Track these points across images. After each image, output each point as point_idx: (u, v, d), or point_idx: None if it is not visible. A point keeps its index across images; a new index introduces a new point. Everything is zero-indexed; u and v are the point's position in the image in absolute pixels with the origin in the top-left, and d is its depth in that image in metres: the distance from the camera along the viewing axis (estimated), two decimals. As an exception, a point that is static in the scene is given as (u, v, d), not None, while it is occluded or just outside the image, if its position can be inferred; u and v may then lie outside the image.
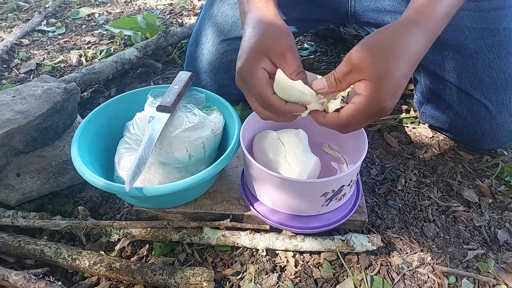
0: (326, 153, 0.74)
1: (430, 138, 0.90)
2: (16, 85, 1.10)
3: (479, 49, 0.73)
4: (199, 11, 1.61)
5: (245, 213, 0.65)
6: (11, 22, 1.59)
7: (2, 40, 1.41)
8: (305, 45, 1.34)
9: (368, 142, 0.83)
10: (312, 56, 1.27)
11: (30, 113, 0.68)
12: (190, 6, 1.74)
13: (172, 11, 1.69)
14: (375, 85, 0.44)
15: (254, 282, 0.59)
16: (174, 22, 1.57)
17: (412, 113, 0.97)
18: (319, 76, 0.52)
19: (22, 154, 0.70)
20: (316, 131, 0.73)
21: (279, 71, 0.50)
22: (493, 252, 0.65)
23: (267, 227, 0.65)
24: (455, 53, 0.75)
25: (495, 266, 0.62)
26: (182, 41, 1.32)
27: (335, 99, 0.51)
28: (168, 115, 0.65)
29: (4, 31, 1.50)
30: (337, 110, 0.50)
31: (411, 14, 0.49)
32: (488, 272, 0.61)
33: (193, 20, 1.58)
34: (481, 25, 0.72)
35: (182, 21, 1.57)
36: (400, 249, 0.65)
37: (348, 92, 0.57)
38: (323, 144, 0.75)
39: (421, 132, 0.91)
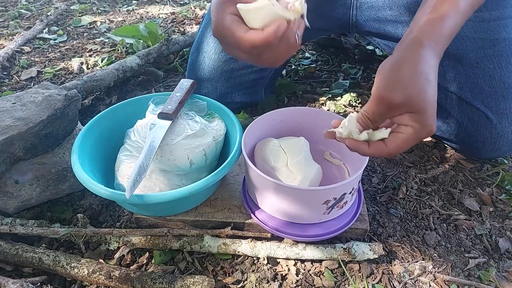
0: (328, 161, 0.74)
1: (431, 146, 0.90)
2: (16, 92, 1.10)
3: (479, 59, 0.73)
4: (201, 20, 1.62)
5: (246, 221, 0.65)
6: (13, 30, 1.60)
7: (4, 47, 1.41)
8: (307, 54, 1.35)
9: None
10: (314, 65, 1.27)
11: (31, 119, 0.68)
12: (192, 15, 1.76)
13: (174, 20, 1.70)
14: (420, 115, 0.46)
15: (255, 291, 0.59)
16: (176, 30, 1.58)
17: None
18: None
19: (21, 161, 0.70)
20: (318, 139, 0.73)
21: (239, 5, 0.47)
22: (494, 260, 0.65)
23: (268, 235, 0.65)
24: (456, 63, 0.76)
25: (497, 274, 0.62)
26: (184, 49, 1.33)
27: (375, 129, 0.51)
28: (169, 122, 0.65)
29: (5, 39, 1.51)
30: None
31: (416, 35, 0.50)
32: (490, 280, 0.61)
33: (195, 28, 1.59)
34: (481, 35, 0.73)
35: (184, 30, 1.58)
36: (402, 257, 0.64)
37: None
38: (325, 152, 0.75)
39: (422, 140, 0.91)
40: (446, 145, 0.90)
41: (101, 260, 0.62)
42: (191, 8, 1.84)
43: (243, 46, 0.48)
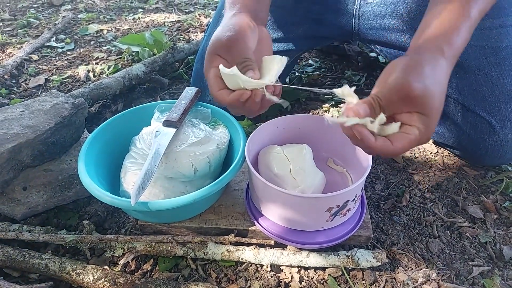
0: (331, 168, 0.74)
1: (435, 153, 0.90)
2: (24, 100, 1.12)
3: (481, 66, 0.74)
4: (206, 28, 1.64)
5: (250, 228, 0.65)
6: (21, 38, 1.62)
7: (12, 55, 1.44)
8: (310, 61, 1.36)
9: (373, 158, 0.84)
10: (317, 72, 1.28)
11: (38, 127, 0.70)
12: (197, 23, 1.78)
13: (180, 28, 1.72)
14: (430, 119, 0.47)
15: (258, 298, 0.59)
16: (181, 38, 1.60)
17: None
18: (278, 56, 0.57)
19: (29, 168, 0.71)
20: (321, 146, 0.74)
21: (220, 66, 0.55)
22: (498, 268, 0.64)
23: (272, 242, 0.65)
24: (458, 70, 0.76)
25: (501, 283, 0.62)
26: (189, 57, 1.34)
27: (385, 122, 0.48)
28: (174, 130, 0.66)
29: (14, 47, 1.53)
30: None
31: (436, 45, 0.51)
32: (495, 289, 0.61)
33: (200, 36, 1.61)
34: (483, 43, 0.73)
35: (189, 38, 1.60)
36: (405, 265, 0.64)
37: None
38: (328, 159, 0.76)
39: (426, 147, 0.92)
40: (449, 152, 0.90)
41: (106, 267, 0.63)
42: (196, 16, 1.86)
43: (215, 99, 0.58)
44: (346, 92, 0.49)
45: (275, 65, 0.58)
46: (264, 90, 0.54)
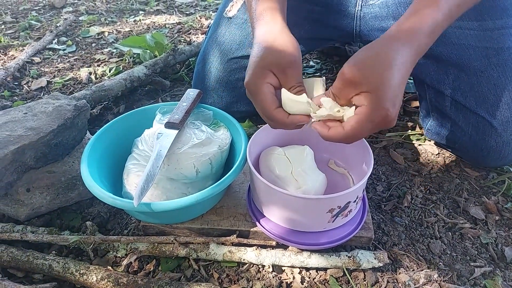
0: (332, 169, 0.75)
1: (436, 155, 0.90)
2: (27, 102, 1.13)
3: (483, 67, 0.74)
4: (207, 30, 1.64)
5: (252, 229, 0.66)
6: (23, 41, 1.63)
7: (15, 58, 1.45)
8: (311, 63, 1.36)
9: (374, 159, 0.84)
10: (318, 73, 1.29)
11: (41, 129, 0.70)
12: (198, 25, 1.78)
13: (181, 30, 1.73)
14: (375, 95, 0.47)
15: (260, 298, 0.59)
16: (182, 40, 1.60)
17: (417, 130, 0.97)
18: (319, 79, 0.57)
19: (32, 170, 0.71)
20: (322, 148, 0.74)
21: (283, 90, 0.54)
22: (500, 269, 0.65)
23: (273, 243, 0.65)
24: (460, 72, 0.76)
25: (503, 283, 0.62)
26: (190, 59, 1.35)
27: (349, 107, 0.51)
28: (176, 131, 0.66)
29: (16, 50, 1.54)
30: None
31: (394, 30, 0.52)
32: (496, 290, 0.61)
33: (201, 38, 1.61)
34: (485, 44, 0.74)
35: (190, 40, 1.61)
36: (407, 266, 0.65)
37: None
38: (329, 160, 0.76)
39: (427, 149, 0.92)
40: (451, 153, 0.90)
41: (109, 267, 0.63)
42: (196, 18, 1.87)
43: (267, 116, 0.56)
44: (315, 84, 0.55)
45: (320, 88, 0.57)
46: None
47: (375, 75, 0.47)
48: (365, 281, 0.62)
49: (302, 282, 0.62)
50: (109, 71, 1.32)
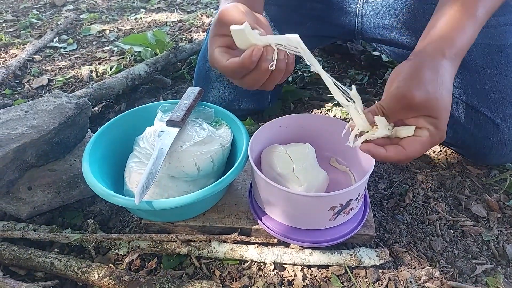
0: (334, 167, 0.75)
1: (438, 152, 0.90)
2: (28, 100, 1.13)
3: (486, 64, 0.73)
4: (208, 27, 1.64)
5: (253, 227, 0.66)
6: (24, 39, 1.63)
7: (16, 56, 1.45)
8: (312, 60, 1.36)
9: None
10: (319, 71, 1.28)
11: (43, 127, 0.70)
12: (199, 22, 1.78)
13: (182, 28, 1.73)
14: (437, 120, 0.48)
15: (262, 296, 0.59)
16: (183, 38, 1.60)
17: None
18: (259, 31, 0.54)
19: (33, 168, 0.72)
20: (324, 146, 0.74)
21: (231, 26, 0.53)
22: (502, 267, 0.65)
23: (275, 241, 0.65)
24: (462, 69, 0.76)
25: (504, 281, 0.62)
26: (191, 57, 1.35)
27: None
28: (177, 129, 0.66)
29: (17, 48, 1.54)
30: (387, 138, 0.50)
31: (443, 48, 0.51)
32: (497, 287, 0.61)
33: (202, 36, 1.61)
34: (488, 41, 0.73)
35: (191, 37, 1.60)
36: (408, 263, 0.65)
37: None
38: (331, 158, 0.76)
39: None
40: (453, 151, 0.90)
41: (111, 265, 0.63)
42: (198, 15, 1.87)
43: (227, 72, 0.56)
44: (353, 93, 0.51)
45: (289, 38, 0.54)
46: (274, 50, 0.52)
47: (439, 99, 0.47)
48: (366, 278, 0.62)
49: (303, 280, 0.62)
50: (110, 69, 1.32)
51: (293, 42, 0.52)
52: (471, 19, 0.52)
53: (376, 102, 0.51)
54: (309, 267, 0.64)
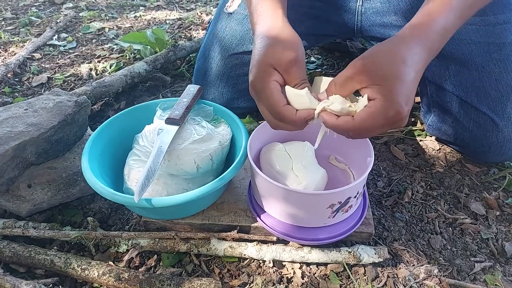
0: (333, 165, 0.75)
1: (437, 150, 0.90)
2: (27, 98, 1.13)
3: (485, 63, 0.74)
4: (207, 25, 1.64)
5: (252, 225, 0.66)
6: (24, 37, 1.63)
7: (15, 54, 1.44)
8: (312, 59, 1.36)
9: (375, 155, 0.84)
10: (319, 69, 1.28)
11: (42, 125, 0.70)
12: (199, 20, 1.78)
13: (181, 26, 1.73)
14: (389, 89, 0.45)
15: (261, 293, 0.60)
16: (183, 36, 1.60)
17: (418, 125, 0.97)
18: (328, 78, 0.55)
19: (33, 166, 0.72)
20: (323, 144, 0.73)
21: (287, 87, 0.53)
22: (500, 264, 0.65)
23: (274, 238, 0.66)
24: (461, 67, 0.76)
25: (503, 279, 0.62)
26: (190, 55, 1.35)
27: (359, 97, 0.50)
28: (176, 127, 0.67)
29: (16, 46, 1.54)
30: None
31: (406, 29, 0.51)
32: (496, 285, 0.61)
33: (201, 34, 1.61)
34: (487, 39, 0.73)
35: (191, 35, 1.60)
36: (407, 261, 0.65)
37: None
38: (330, 156, 0.76)
39: (428, 144, 0.92)
40: (452, 149, 0.90)
41: (111, 263, 0.64)
42: (197, 13, 1.86)
43: (275, 113, 0.52)
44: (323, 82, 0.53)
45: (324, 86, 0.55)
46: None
47: (389, 68, 0.46)
48: (365, 276, 0.62)
49: (302, 277, 0.62)
50: (110, 67, 1.32)
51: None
52: (443, 7, 0.51)
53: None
54: (308, 264, 0.64)
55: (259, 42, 0.56)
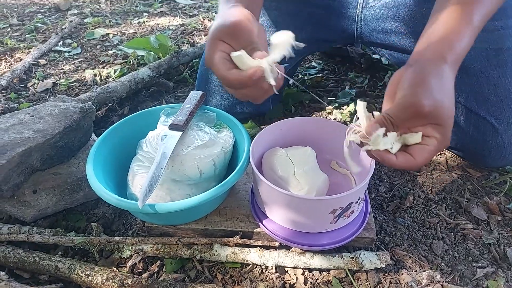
0: (334, 170, 0.75)
1: (438, 155, 0.90)
2: (33, 104, 1.14)
3: (483, 68, 0.74)
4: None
5: (255, 230, 0.66)
6: (29, 43, 1.65)
7: (21, 60, 1.46)
8: (313, 64, 1.37)
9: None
10: (320, 74, 1.29)
11: (48, 132, 0.71)
12: (201, 26, 1.79)
13: (184, 32, 1.74)
14: (444, 128, 0.49)
15: (263, 298, 0.60)
16: (186, 42, 1.61)
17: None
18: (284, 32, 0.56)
19: (38, 172, 0.72)
20: (324, 149, 0.74)
21: (231, 53, 0.54)
22: (502, 270, 0.65)
23: (277, 244, 0.66)
24: (460, 72, 0.76)
25: (505, 284, 0.62)
26: (193, 61, 1.36)
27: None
28: (180, 133, 0.67)
29: (22, 52, 1.56)
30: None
31: (444, 53, 0.52)
32: (498, 290, 0.61)
33: (204, 40, 1.62)
34: (485, 45, 0.74)
35: (194, 41, 1.62)
36: (409, 266, 0.65)
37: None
38: (331, 161, 0.76)
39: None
40: (452, 154, 0.90)
41: (114, 268, 0.64)
42: (200, 19, 1.88)
43: (225, 81, 0.55)
44: (359, 109, 0.53)
45: (282, 42, 0.56)
46: (272, 68, 0.54)
47: (446, 107, 0.48)
48: (367, 282, 0.62)
49: (305, 283, 0.62)
50: (114, 73, 1.33)
51: (286, 41, 0.56)
52: (468, 25, 0.53)
53: (383, 112, 0.51)
54: (310, 270, 0.64)
55: (211, 29, 0.58)
